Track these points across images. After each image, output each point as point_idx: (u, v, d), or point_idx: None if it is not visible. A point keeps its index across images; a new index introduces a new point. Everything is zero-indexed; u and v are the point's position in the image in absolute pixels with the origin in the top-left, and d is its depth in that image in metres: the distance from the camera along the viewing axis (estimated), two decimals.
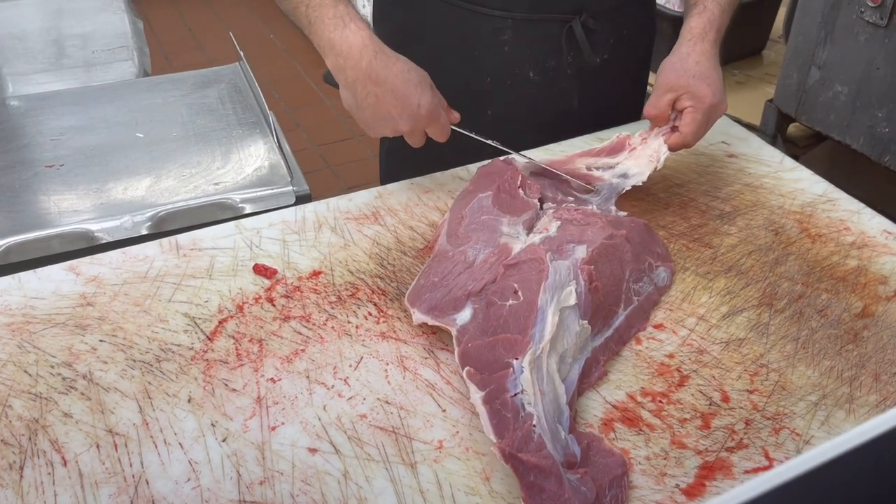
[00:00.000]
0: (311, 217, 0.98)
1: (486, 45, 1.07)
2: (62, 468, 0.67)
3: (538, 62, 1.09)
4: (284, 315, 0.83)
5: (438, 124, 0.91)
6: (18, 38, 1.63)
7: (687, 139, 0.96)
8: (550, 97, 1.12)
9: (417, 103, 0.88)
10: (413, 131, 0.91)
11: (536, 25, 1.06)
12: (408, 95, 0.88)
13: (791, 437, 0.71)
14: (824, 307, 0.85)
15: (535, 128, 1.11)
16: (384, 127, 0.90)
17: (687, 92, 0.95)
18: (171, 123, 1.28)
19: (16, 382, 0.75)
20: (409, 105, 0.88)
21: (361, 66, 0.87)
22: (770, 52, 2.35)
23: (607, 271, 0.80)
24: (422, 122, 0.90)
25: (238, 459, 0.68)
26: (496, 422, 0.65)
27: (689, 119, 0.95)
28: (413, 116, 0.89)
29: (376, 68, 0.87)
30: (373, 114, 0.89)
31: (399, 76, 0.87)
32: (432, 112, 0.90)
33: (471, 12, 1.06)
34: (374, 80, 0.87)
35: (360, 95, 0.88)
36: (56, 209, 1.07)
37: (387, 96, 0.87)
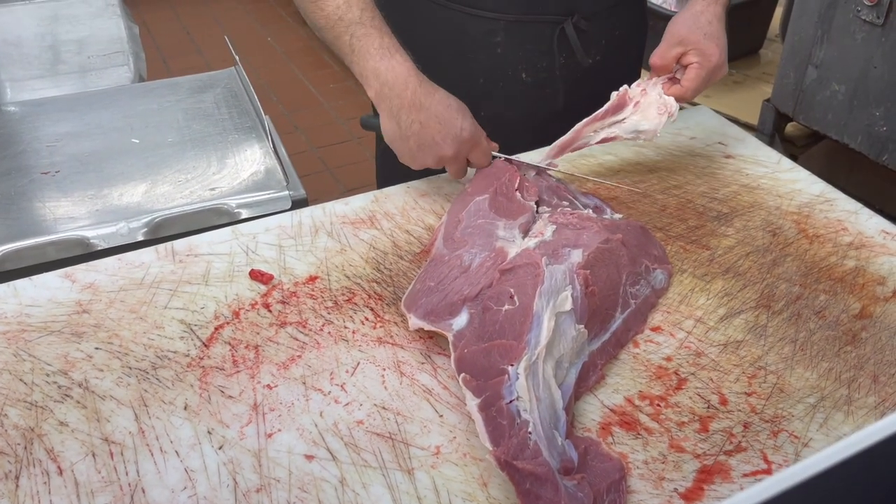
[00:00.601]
0: (307, 222, 0.97)
1: (479, 46, 1.07)
2: (58, 477, 0.67)
3: (530, 63, 1.09)
4: (281, 321, 0.83)
5: (480, 149, 0.94)
6: (14, 43, 1.63)
7: (687, 93, 0.98)
8: (543, 98, 1.13)
9: (460, 127, 0.90)
10: (456, 156, 0.92)
11: (528, 27, 1.06)
12: (451, 120, 0.90)
13: (790, 439, 0.71)
14: (822, 308, 0.85)
15: (529, 128, 1.11)
16: (428, 154, 0.91)
17: (696, 48, 0.97)
18: (166, 129, 1.27)
19: (11, 391, 0.75)
20: (452, 129, 0.90)
21: (406, 95, 0.89)
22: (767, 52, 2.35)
23: (603, 275, 0.80)
24: (465, 147, 0.92)
25: (234, 467, 0.68)
26: (492, 429, 0.64)
27: (693, 74, 0.97)
28: (456, 140, 0.91)
29: (420, 97, 0.89)
30: (417, 141, 0.90)
31: (441, 103, 0.90)
32: (474, 136, 0.92)
33: (463, 14, 1.06)
34: (419, 108, 0.89)
35: (404, 124, 0.90)
36: (52, 216, 1.07)
37: (430, 122, 0.89)
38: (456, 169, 0.95)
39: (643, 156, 1.10)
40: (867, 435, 0.35)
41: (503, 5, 1.05)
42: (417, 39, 1.10)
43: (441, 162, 0.93)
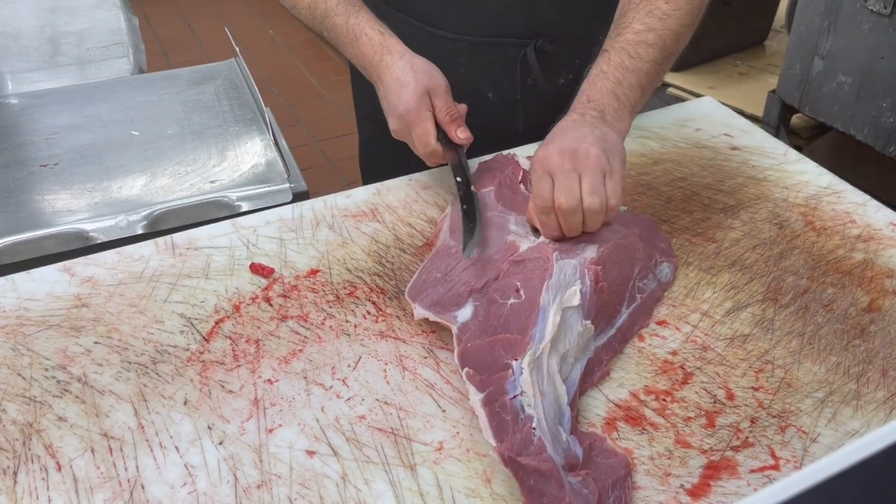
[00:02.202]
0: (308, 215, 0.96)
1: (444, 65, 1.03)
2: (56, 473, 0.66)
3: (496, 84, 1.07)
4: (282, 315, 0.82)
5: (416, 132, 0.90)
6: (13, 35, 1.62)
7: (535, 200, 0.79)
8: (513, 117, 1.10)
9: (397, 102, 0.89)
10: (399, 130, 0.92)
11: (492, 49, 1.04)
12: (392, 94, 0.90)
13: (798, 435, 0.70)
14: (830, 302, 0.84)
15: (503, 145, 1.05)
16: (389, 123, 0.93)
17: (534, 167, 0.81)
18: (166, 121, 1.26)
19: (10, 386, 0.74)
20: (391, 103, 0.90)
21: (372, 74, 0.93)
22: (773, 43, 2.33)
23: (615, 271, 0.78)
24: (403, 124, 0.90)
25: (235, 463, 0.67)
26: (495, 424, 0.63)
27: (536, 187, 0.80)
28: (394, 114, 0.90)
29: (379, 69, 0.92)
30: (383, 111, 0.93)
31: (392, 76, 0.90)
32: (409, 114, 0.89)
33: (427, 33, 1.04)
34: (379, 80, 0.92)
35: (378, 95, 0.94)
36: (50, 209, 1.06)
37: (382, 94, 0.92)
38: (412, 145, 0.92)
39: (648, 147, 1.09)
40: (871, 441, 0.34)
41: (464, 27, 1.03)
42: None
43: (398, 135, 0.93)
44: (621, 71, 0.85)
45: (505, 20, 1.02)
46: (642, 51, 0.86)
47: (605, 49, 0.88)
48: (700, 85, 2.13)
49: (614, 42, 0.88)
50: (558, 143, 0.79)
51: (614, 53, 0.87)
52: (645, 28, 0.87)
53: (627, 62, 0.86)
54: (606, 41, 0.90)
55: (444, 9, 1.02)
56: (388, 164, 1.08)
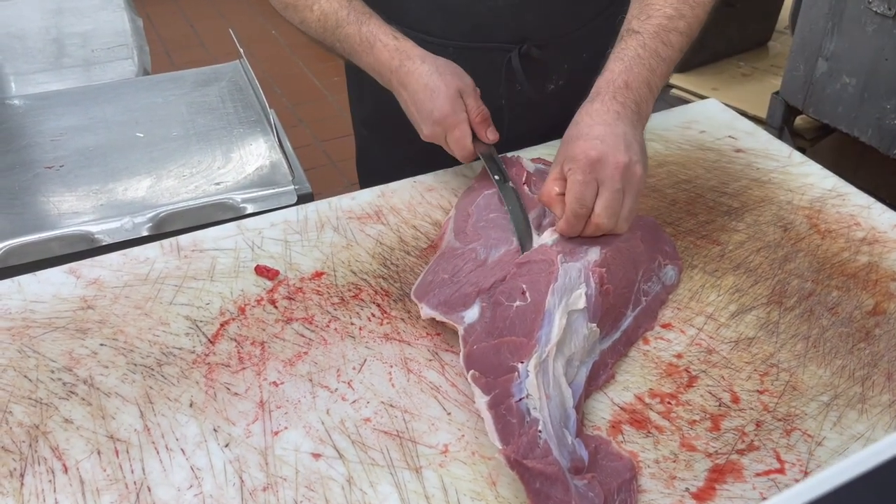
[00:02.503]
0: (313, 217, 0.96)
1: None
2: (63, 475, 0.66)
3: (483, 89, 1.04)
4: (287, 317, 0.82)
5: (453, 136, 0.89)
6: (18, 37, 1.62)
7: (570, 206, 0.78)
8: (502, 122, 1.07)
9: (430, 108, 0.88)
10: (433, 136, 0.90)
11: (477, 54, 1.03)
12: (424, 100, 0.88)
13: (803, 438, 0.70)
14: (835, 305, 0.84)
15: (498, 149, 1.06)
16: (418, 130, 0.92)
17: (566, 157, 0.79)
18: (171, 123, 1.27)
19: (16, 388, 0.74)
20: (424, 110, 0.88)
21: (392, 81, 0.91)
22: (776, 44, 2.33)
23: (619, 273, 0.78)
24: (438, 129, 0.89)
25: (241, 465, 0.67)
26: (501, 427, 0.63)
27: (569, 183, 0.78)
28: (428, 121, 0.89)
29: (401, 78, 0.90)
30: (409, 118, 0.91)
31: (418, 81, 0.88)
32: (447, 119, 0.88)
33: (411, 37, 1.02)
34: (402, 87, 0.90)
35: (400, 103, 0.92)
36: (56, 211, 1.06)
37: (410, 102, 0.90)
38: (448, 150, 0.92)
39: (652, 150, 1.09)
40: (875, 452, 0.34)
41: (450, 32, 1.02)
42: None
43: (432, 140, 0.91)
44: (656, 59, 0.83)
45: (490, 25, 1.01)
46: (674, 39, 0.85)
47: (637, 31, 0.85)
48: (703, 86, 2.12)
49: (646, 24, 0.85)
50: (612, 149, 0.76)
51: (649, 38, 0.84)
52: (677, 14, 0.86)
53: (661, 50, 0.84)
54: (634, 21, 0.86)
55: (430, 13, 1.01)
56: (387, 168, 1.08)
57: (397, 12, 1.03)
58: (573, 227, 0.79)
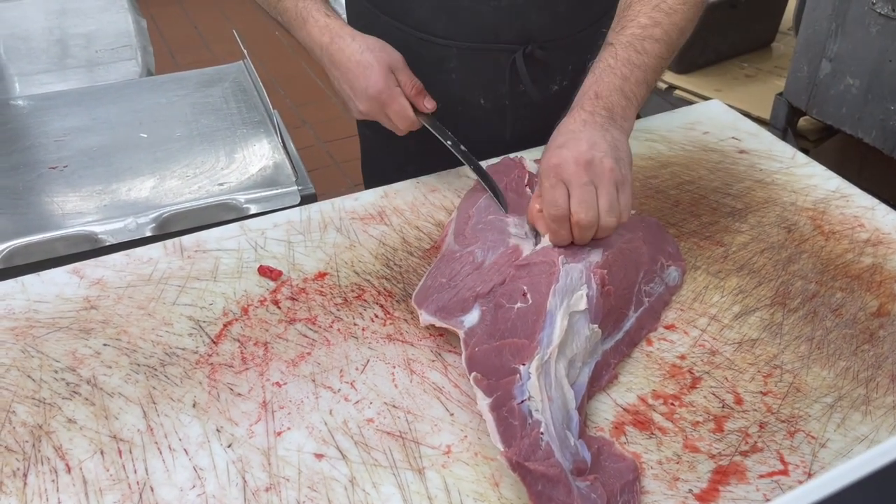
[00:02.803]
0: (316, 217, 0.96)
1: (434, 71, 1.04)
2: (66, 475, 0.66)
3: (488, 90, 1.06)
4: (290, 317, 0.82)
5: (392, 109, 0.91)
6: (22, 38, 1.62)
7: (546, 210, 0.78)
8: (505, 122, 1.09)
9: (364, 84, 0.90)
10: (370, 111, 0.92)
11: (481, 55, 1.03)
12: (357, 77, 0.90)
13: (807, 440, 0.69)
14: (839, 306, 0.84)
15: (499, 150, 1.04)
16: (352, 108, 0.94)
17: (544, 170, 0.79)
18: (174, 123, 1.27)
19: (19, 388, 0.74)
20: (357, 85, 0.90)
21: (323, 57, 0.93)
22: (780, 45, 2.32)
23: (621, 274, 0.78)
24: (374, 104, 0.91)
25: (244, 465, 0.67)
26: (503, 429, 0.63)
27: (541, 192, 0.79)
28: (363, 97, 0.90)
29: (331, 52, 0.92)
30: (342, 95, 0.93)
31: (351, 58, 0.90)
32: (381, 94, 0.90)
33: (417, 39, 1.03)
34: (332, 65, 0.92)
35: (332, 80, 0.94)
36: (60, 211, 1.07)
37: (342, 78, 0.92)
38: (389, 124, 0.94)
39: (655, 151, 1.09)
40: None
41: (452, 33, 1.02)
42: None
43: (369, 117, 0.93)
44: (629, 67, 0.84)
45: (495, 26, 1.01)
46: (649, 46, 0.85)
47: (610, 42, 0.86)
48: (706, 87, 2.12)
49: (619, 35, 0.86)
50: (573, 150, 0.77)
51: (621, 48, 0.85)
52: (651, 22, 0.86)
53: (634, 58, 0.84)
54: (610, 34, 0.88)
55: (434, 15, 1.01)
56: (391, 169, 1.08)
57: (401, 13, 1.03)
58: (556, 233, 0.78)
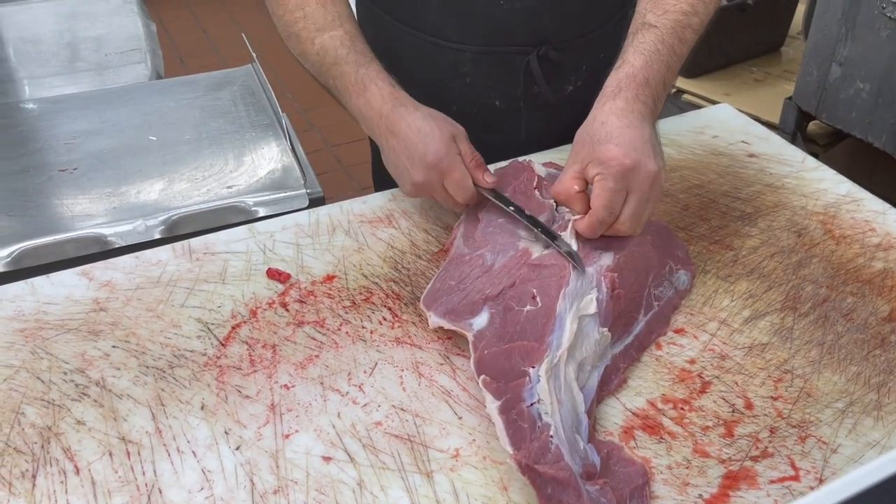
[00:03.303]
0: (324, 220, 0.97)
1: (448, 75, 1.04)
2: (75, 476, 0.66)
3: (503, 92, 1.06)
4: (298, 320, 0.82)
5: (452, 178, 0.85)
6: (32, 41, 1.63)
7: (598, 213, 0.76)
8: (520, 124, 1.09)
9: (423, 151, 0.84)
10: (427, 183, 0.86)
11: (495, 57, 1.03)
12: (415, 143, 0.85)
13: (818, 445, 0.69)
14: (850, 311, 0.83)
15: (512, 152, 1.04)
16: (404, 181, 0.88)
17: (592, 159, 0.77)
18: (183, 126, 1.27)
19: (29, 389, 0.74)
20: (415, 153, 0.85)
21: (381, 124, 0.88)
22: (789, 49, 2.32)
23: (631, 278, 0.78)
24: (433, 174, 0.85)
25: (252, 468, 0.67)
26: (512, 432, 0.63)
27: (598, 189, 0.77)
28: (420, 165, 0.85)
29: (392, 120, 0.86)
30: (394, 168, 0.89)
31: (412, 125, 0.85)
32: (442, 162, 0.84)
33: (431, 44, 1.03)
34: (390, 133, 0.87)
35: (385, 152, 0.89)
36: (69, 213, 1.07)
37: (399, 147, 0.86)
38: (441, 198, 0.88)
39: (665, 154, 1.08)
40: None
41: (467, 36, 1.01)
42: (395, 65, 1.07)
43: (420, 190, 0.87)
44: (672, 56, 0.82)
45: (509, 28, 1.01)
46: (688, 36, 0.84)
47: (654, 25, 0.83)
48: (715, 91, 2.12)
49: (663, 19, 0.83)
50: (642, 153, 0.75)
51: (667, 34, 0.82)
52: (692, 10, 0.84)
53: (677, 47, 0.82)
54: (650, 14, 0.85)
55: (447, 19, 1.01)
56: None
57: (414, 19, 1.03)
58: (595, 231, 0.78)
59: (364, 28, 1.06)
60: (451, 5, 1.00)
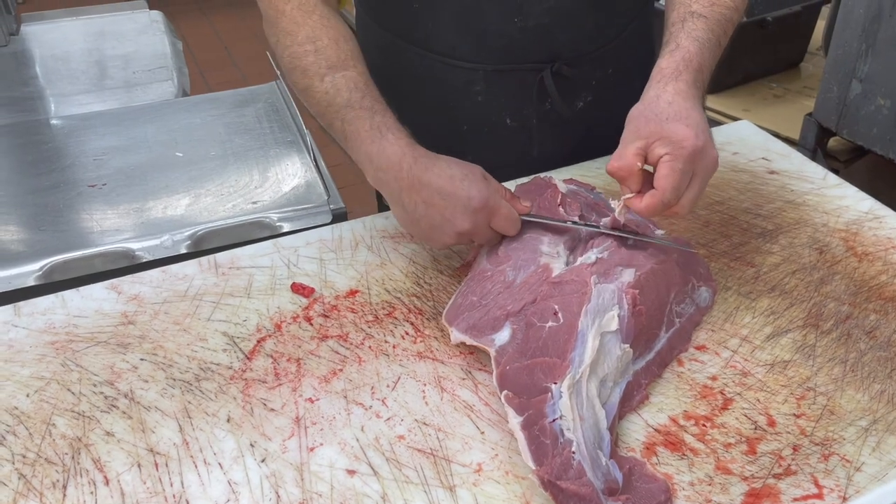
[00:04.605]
0: (347, 235, 0.98)
1: (460, 95, 1.04)
2: (104, 487, 0.68)
3: (515, 110, 1.06)
4: (322, 334, 0.83)
5: (501, 215, 0.82)
6: (62, 59, 1.67)
7: (666, 195, 0.74)
8: (531, 142, 1.09)
9: (467, 196, 0.80)
10: (475, 229, 0.82)
11: (508, 76, 1.03)
12: (456, 191, 0.80)
13: (841, 463, 0.69)
14: (873, 328, 0.83)
15: (523, 172, 1.04)
16: (443, 233, 0.82)
17: (660, 137, 0.75)
18: (209, 143, 1.29)
19: (59, 401, 0.76)
20: (458, 201, 0.80)
21: (403, 176, 0.81)
22: (808, 65, 2.31)
23: (652, 295, 0.78)
24: (481, 216, 0.81)
25: (277, 480, 0.68)
26: (535, 448, 0.64)
27: (667, 170, 0.74)
28: (467, 211, 0.80)
29: (417, 173, 0.80)
30: (428, 223, 0.82)
31: (442, 175, 0.80)
32: (489, 201, 0.81)
33: (444, 64, 1.04)
34: (419, 187, 0.81)
35: (409, 207, 0.82)
36: (98, 228, 1.09)
37: (434, 199, 0.80)
38: (484, 239, 0.85)
39: None
40: None
41: (480, 56, 1.02)
42: (402, 85, 1.08)
43: (462, 238, 0.83)
44: (717, 49, 0.82)
45: (523, 46, 1.01)
46: (729, 31, 0.84)
47: (703, 15, 0.82)
48: (735, 107, 2.12)
49: (711, 10, 0.83)
50: (707, 137, 0.75)
51: (715, 25, 0.82)
52: (734, 7, 0.85)
53: (722, 40, 0.82)
54: (696, 4, 0.84)
55: (461, 38, 1.02)
56: None
57: (424, 39, 1.04)
58: (655, 212, 0.76)
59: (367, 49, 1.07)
60: (464, 24, 1.01)
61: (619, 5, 1.07)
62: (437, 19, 1.01)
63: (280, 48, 0.92)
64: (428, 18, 1.02)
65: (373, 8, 1.10)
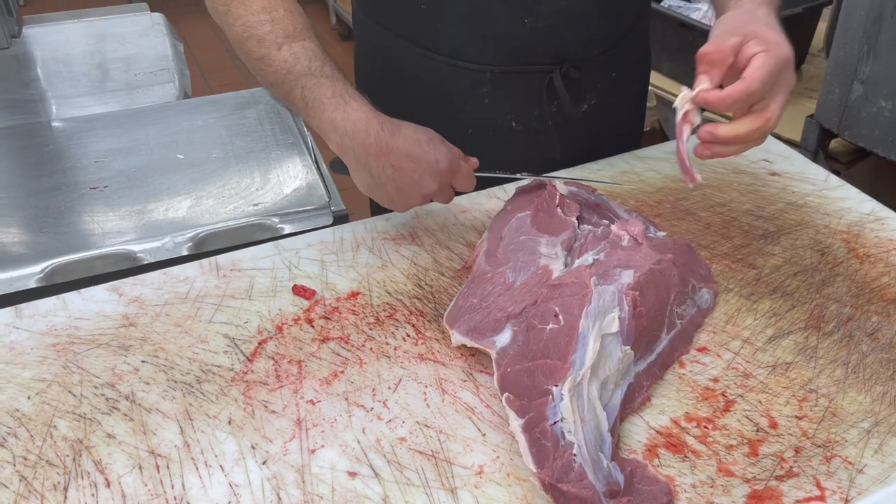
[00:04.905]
0: (348, 237, 0.98)
1: (465, 97, 1.05)
2: (105, 489, 0.68)
3: (520, 112, 1.06)
4: (323, 336, 0.83)
5: (461, 175, 0.88)
6: (63, 61, 1.67)
7: (754, 84, 0.72)
8: (536, 145, 1.10)
9: (434, 159, 0.84)
10: (441, 189, 0.87)
11: (515, 77, 1.03)
12: (423, 155, 0.84)
13: (843, 465, 0.69)
14: (875, 330, 0.83)
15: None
16: (410, 195, 0.87)
17: (757, 38, 0.75)
18: (210, 145, 1.30)
19: (60, 403, 0.76)
20: (426, 164, 0.84)
21: (370, 141, 0.83)
22: (810, 67, 2.31)
23: (652, 296, 0.78)
24: (445, 177, 0.87)
25: (278, 482, 0.68)
26: (536, 450, 0.64)
27: (760, 62, 0.73)
28: (434, 173, 0.85)
29: (384, 138, 0.83)
30: (395, 186, 0.85)
31: (409, 139, 0.84)
32: (451, 164, 0.86)
33: (450, 66, 1.04)
34: (386, 151, 0.83)
35: (375, 171, 0.85)
36: (100, 230, 1.09)
37: (402, 162, 0.84)
38: (444, 198, 0.90)
39: None
40: None
41: (487, 58, 1.02)
42: (405, 88, 1.08)
43: (426, 199, 0.88)
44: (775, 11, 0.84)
45: (531, 47, 1.01)
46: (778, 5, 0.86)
47: None
48: None
49: None
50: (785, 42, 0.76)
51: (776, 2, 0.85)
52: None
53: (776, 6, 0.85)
54: None
55: (468, 40, 1.02)
56: None
57: (430, 40, 1.04)
58: (735, 104, 0.75)
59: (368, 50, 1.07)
60: (472, 26, 1.01)
61: (626, 7, 1.07)
62: (445, 20, 1.01)
63: (231, 18, 0.92)
64: (435, 19, 1.02)
65: (374, 7, 1.10)
